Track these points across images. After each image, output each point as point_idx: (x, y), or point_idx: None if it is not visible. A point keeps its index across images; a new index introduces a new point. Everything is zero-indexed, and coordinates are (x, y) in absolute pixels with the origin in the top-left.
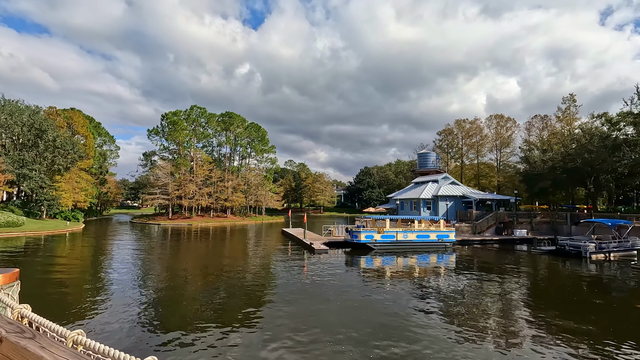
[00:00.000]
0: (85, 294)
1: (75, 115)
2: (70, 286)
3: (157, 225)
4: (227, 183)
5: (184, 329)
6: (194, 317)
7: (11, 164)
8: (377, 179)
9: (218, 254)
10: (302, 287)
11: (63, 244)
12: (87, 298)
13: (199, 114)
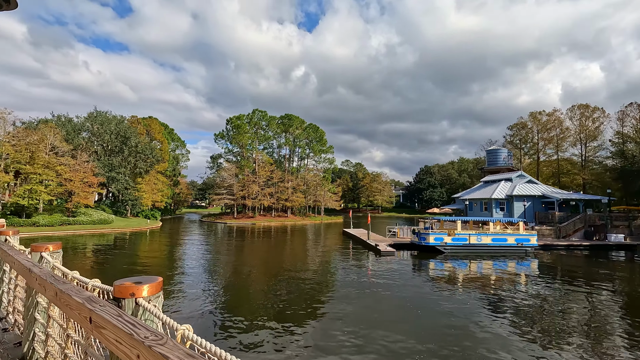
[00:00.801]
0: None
1: (153, 122)
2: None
3: (223, 224)
4: (287, 183)
5: (247, 323)
6: (256, 312)
7: (102, 168)
8: (439, 178)
9: (280, 252)
10: (366, 289)
11: (144, 240)
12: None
13: (260, 117)
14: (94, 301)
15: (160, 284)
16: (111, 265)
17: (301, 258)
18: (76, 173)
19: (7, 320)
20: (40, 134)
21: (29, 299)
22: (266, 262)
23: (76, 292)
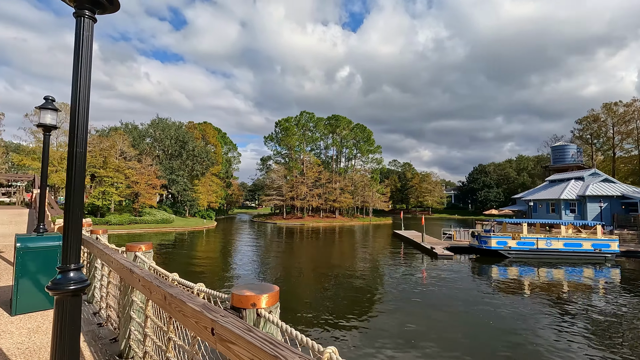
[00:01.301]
0: (217, 283)
1: (208, 127)
2: (206, 273)
3: (273, 224)
4: (334, 184)
5: (294, 323)
6: (303, 312)
7: (163, 171)
8: (494, 177)
9: (329, 253)
10: (420, 294)
11: (201, 238)
12: (216, 286)
13: (307, 119)
14: (212, 310)
15: (277, 294)
16: (176, 261)
17: (350, 259)
18: (141, 176)
19: (100, 315)
20: (111, 141)
21: (124, 297)
22: (315, 263)
23: (188, 297)
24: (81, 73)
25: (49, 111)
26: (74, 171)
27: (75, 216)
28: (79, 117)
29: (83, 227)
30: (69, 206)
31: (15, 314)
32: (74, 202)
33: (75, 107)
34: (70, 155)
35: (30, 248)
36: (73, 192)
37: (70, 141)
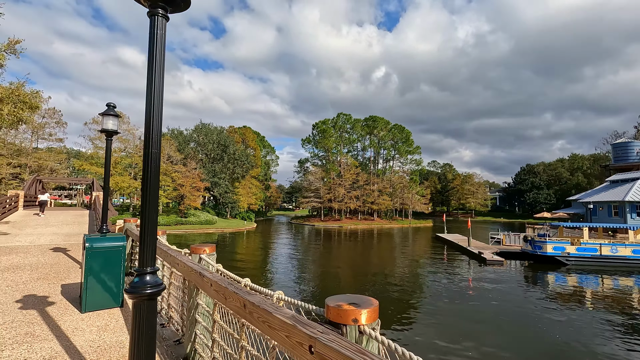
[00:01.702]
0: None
1: (247, 131)
2: (248, 274)
3: (311, 226)
4: (372, 186)
5: None
6: None
7: (206, 174)
8: (544, 178)
9: (368, 256)
10: (465, 302)
11: (242, 239)
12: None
13: (344, 121)
14: (307, 324)
15: (377, 309)
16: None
17: (390, 263)
18: (187, 179)
19: (161, 316)
20: None
21: (189, 299)
22: (353, 266)
23: (274, 307)
24: (155, 71)
25: (111, 117)
26: (149, 173)
27: (151, 219)
28: (153, 116)
29: None
30: (145, 209)
31: (85, 311)
32: (150, 205)
33: (150, 106)
34: (146, 157)
35: (98, 248)
36: (149, 195)
37: (146, 142)
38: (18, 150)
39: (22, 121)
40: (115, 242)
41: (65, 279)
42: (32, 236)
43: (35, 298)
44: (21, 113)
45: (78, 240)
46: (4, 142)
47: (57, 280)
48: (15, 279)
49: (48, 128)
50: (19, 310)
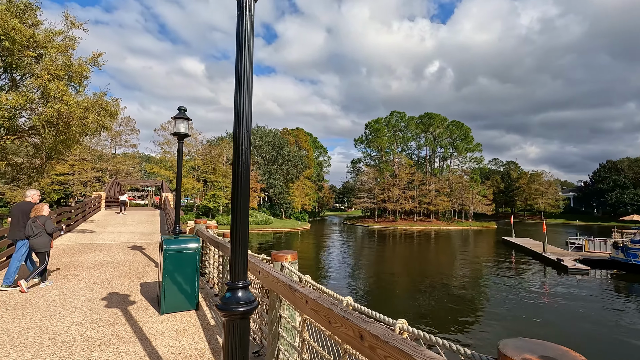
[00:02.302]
0: None
1: (300, 133)
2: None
3: (364, 227)
4: (429, 186)
5: None
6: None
7: (262, 175)
8: (630, 175)
9: (424, 259)
10: (540, 315)
11: (297, 239)
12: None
13: (398, 119)
14: None
15: None
16: None
17: (449, 267)
18: None
19: None
20: (219, 149)
21: (272, 311)
22: (409, 270)
23: (412, 348)
24: (245, 56)
25: (182, 121)
26: (239, 172)
27: (243, 228)
28: (243, 108)
29: (210, 228)
30: (236, 215)
31: (163, 313)
32: (241, 211)
33: (239, 97)
34: (236, 154)
35: (175, 250)
36: (240, 196)
37: (236, 138)
38: (100, 156)
39: (104, 128)
40: (190, 244)
41: (143, 277)
42: (113, 234)
43: (118, 296)
44: (103, 120)
45: (152, 239)
46: (89, 149)
47: (136, 278)
48: (100, 275)
49: (124, 135)
50: (105, 308)
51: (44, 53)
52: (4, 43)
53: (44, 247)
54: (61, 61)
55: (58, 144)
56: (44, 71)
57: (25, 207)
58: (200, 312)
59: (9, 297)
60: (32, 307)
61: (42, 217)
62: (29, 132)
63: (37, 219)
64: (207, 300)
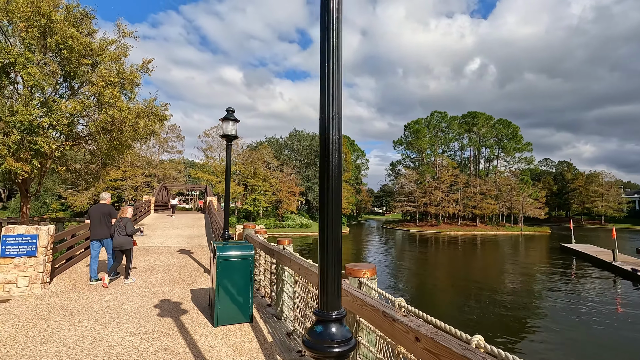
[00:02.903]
0: None
1: None
2: None
3: (405, 232)
4: (474, 189)
5: None
6: None
7: (301, 179)
8: None
9: (470, 266)
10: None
11: None
12: None
13: (439, 119)
14: None
15: None
16: None
17: (499, 277)
18: (283, 184)
19: (295, 337)
20: (259, 154)
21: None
22: (453, 278)
23: None
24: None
25: (230, 122)
26: (329, 165)
27: (335, 238)
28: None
29: (260, 233)
30: (326, 221)
31: (217, 325)
32: (332, 215)
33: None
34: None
35: (229, 257)
36: (331, 203)
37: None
38: (149, 162)
39: (154, 133)
40: (244, 251)
41: (193, 283)
42: (162, 237)
43: (170, 304)
44: (153, 125)
45: (199, 243)
46: (139, 156)
47: (186, 284)
48: (152, 280)
49: (170, 142)
50: (157, 317)
51: (99, 61)
52: (63, 52)
53: (127, 245)
54: (114, 69)
55: (112, 150)
56: (99, 78)
57: (103, 209)
58: (255, 326)
59: (67, 301)
60: (87, 314)
61: (124, 219)
62: (86, 139)
63: (121, 220)
64: (260, 311)
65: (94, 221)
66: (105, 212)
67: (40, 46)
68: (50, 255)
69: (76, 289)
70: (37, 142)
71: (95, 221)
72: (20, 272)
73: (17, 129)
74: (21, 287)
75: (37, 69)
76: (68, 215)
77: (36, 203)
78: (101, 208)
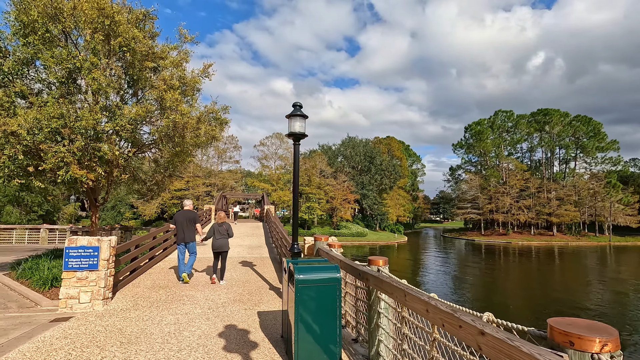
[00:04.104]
0: None
1: (392, 141)
2: None
3: (468, 241)
4: (549, 194)
5: None
6: None
7: (355, 186)
8: None
9: (551, 284)
10: None
11: (394, 253)
12: None
13: (504, 119)
14: None
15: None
16: None
17: (584, 294)
18: (337, 191)
19: None
20: (313, 162)
21: None
22: (528, 297)
23: None
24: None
25: (298, 118)
26: None
27: None
28: None
29: (333, 247)
30: None
31: None
32: None
33: None
34: None
35: (309, 281)
36: None
37: None
38: (209, 172)
39: (214, 138)
40: (329, 274)
41: (259, 303)
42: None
43: (236, 332)
44: (214, 131)
45: (260, 254)
46: (200, 166)
47: (251, 304)
48: (214, 298)
49: (228, 152)
50: (224, 352)
51: (161, 67)
52: (126, 55)
53: (225, 247)
54: (177, 74)
55: (174, 157)
56: (161, 82)
57: (188, 214)
58: None
59: (127, 322)
60: (146, 342)
61: (226, 224)
62: (150, 147)
63: (223, 224)
64: (346, 349)
65: (180, 226)
66: (190, 217)
67: (105, 51)
68: (112, 269)
69: (137, 306)
70: (101, 148)
71: (182, 226)
72: (82, 287)
73: (81, 135)
74: (83, 304)
75: (102, 74)
76: (138, 224)
77: (112, 212)
78: (186, 214)
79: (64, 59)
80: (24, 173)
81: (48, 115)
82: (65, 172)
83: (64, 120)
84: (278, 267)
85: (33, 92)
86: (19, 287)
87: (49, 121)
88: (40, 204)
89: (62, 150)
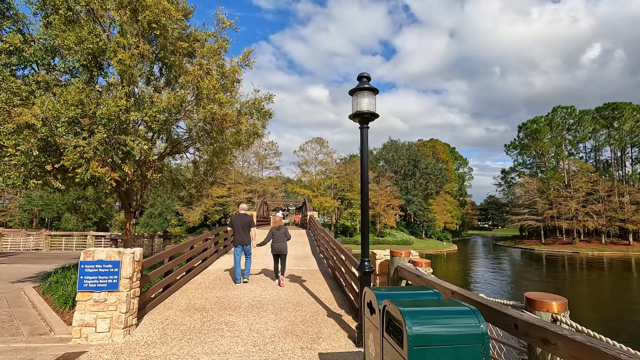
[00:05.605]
0: None
1: (437, 143)
2: None
3: (527, 251)
4: (622, 197)
5: None
6: None
7: (399, 191)
8: None
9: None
10: None
11: (444, 263)
12: None
13: (564, 116)
14: None
15: None
16: None
17: None
18: (380, 197)
19: None
20: (354, 166)
21: None
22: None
23: None
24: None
25: (365, 93)
26: None
27: None
28: None
29: (419, 265)
30: None
31: None
32: None
33: None
34: None
35: (433, 338)
36: None
37: None
38: (250, 179)
39: (257, 135)
40: (461, 321)
41: (318, 338)
42: (266, 257)
43: None
44: (256, 125)
45: (308, 266)
46: (241, 173)
47: (309, 339)
48: (260, 328)
49: (269, 158)
50: None
51: (197, 52)
52: (155, 31)
53: (285, 250)
54: (215, 62)
55: (213, 157)
56: (196, 66)
57: (245, 218)
58: None
59: None
60: None
61: (283, 227)
62: (187, 146)
63: (280, 228)
64: None
65: (237, 229)
66: (246, 221)
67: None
68: (136, 289)
69: (165, 337)
70: (126, 141)
71: (239, 229)
72: (99, 312)
73: (103, 126)
74: (101, 333)
75: (129, 54)
76: (183, 231)
77: (159, 219)
78: (242, 217)
79: (86, 38)
80: (41, 172)
81: (65, 102)
82: (85, 170)
83: (83, 108)
84: (332, 283)
85: (60, 83)
86: (41, 305)
87: (67, 109)
88: (95, 211)
89: (82, 144)
